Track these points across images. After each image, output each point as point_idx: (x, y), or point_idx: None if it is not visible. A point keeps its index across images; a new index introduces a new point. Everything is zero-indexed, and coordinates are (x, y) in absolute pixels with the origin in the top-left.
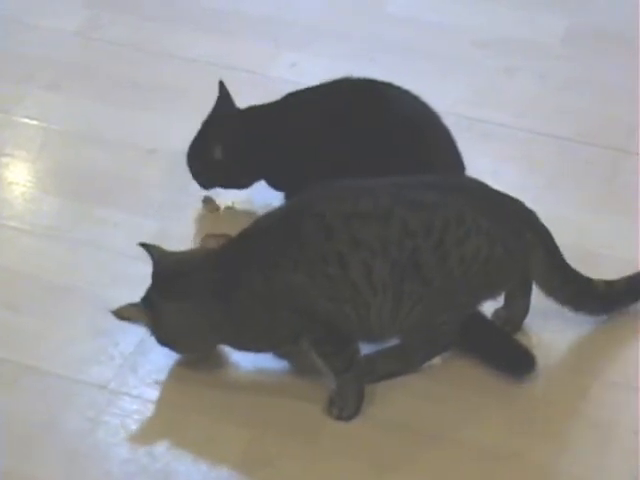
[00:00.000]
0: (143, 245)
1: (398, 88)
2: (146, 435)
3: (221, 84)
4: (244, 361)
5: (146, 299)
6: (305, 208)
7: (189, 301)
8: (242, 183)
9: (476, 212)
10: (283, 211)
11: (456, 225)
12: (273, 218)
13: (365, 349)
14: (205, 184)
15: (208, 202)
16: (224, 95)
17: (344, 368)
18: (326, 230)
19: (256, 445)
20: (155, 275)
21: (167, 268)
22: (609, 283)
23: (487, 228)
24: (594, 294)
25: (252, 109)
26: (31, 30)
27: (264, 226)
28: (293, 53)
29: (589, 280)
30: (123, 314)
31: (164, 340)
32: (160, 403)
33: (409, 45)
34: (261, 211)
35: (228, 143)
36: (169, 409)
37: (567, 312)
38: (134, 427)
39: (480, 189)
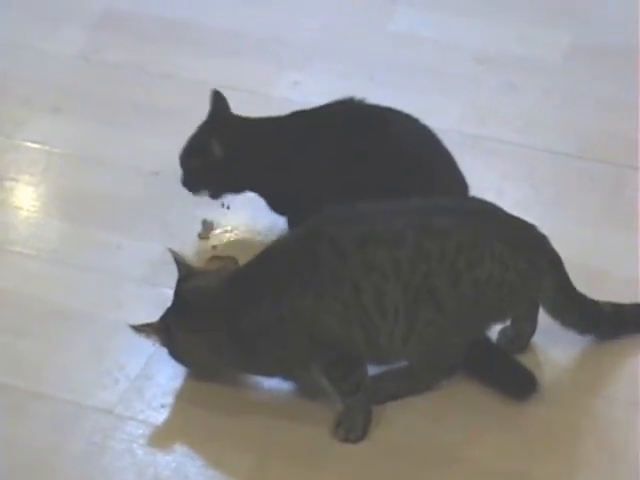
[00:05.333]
0: (173, 253)
1: (399, 112)
2: (152, 460)
3: (216, 93)
4: (250, 384)
5: (164, 319)
6: (319, 232)
7: (202, 333)
8: (232, 187)
9: (490, 236)
10: (297, 234)
11: (470, 249)
12: (286, 242)
13: (372, 370)
14: (194, 186)
15: (205, 225)
16: (220, 101)
17: (352, 391)
18: (340, 254)
19: (262, 469)
20: (175, 297)
21: (186, 295)
22: (616, 305)
23: (501, 253)
24: (600, 317)
25: (255, 119)
26: (32, 53)
27: (277, 250)
28: (295, 72)
29: (595, 303)
30: (140, 330)
31: (176, 358)
32: (166, 427)
33: (411, 63)
34: (263, 233)
35: (227, 141)
36: (175, 433)
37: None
38: (140, 452)
39: (494, 213)
